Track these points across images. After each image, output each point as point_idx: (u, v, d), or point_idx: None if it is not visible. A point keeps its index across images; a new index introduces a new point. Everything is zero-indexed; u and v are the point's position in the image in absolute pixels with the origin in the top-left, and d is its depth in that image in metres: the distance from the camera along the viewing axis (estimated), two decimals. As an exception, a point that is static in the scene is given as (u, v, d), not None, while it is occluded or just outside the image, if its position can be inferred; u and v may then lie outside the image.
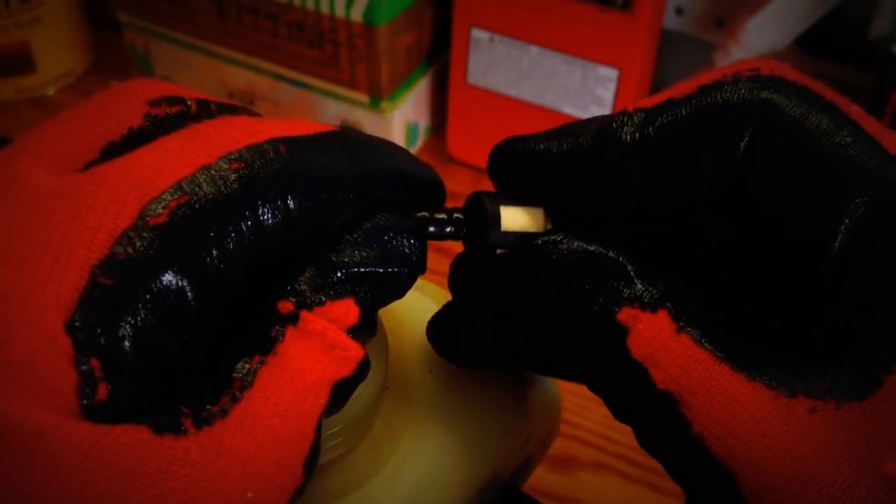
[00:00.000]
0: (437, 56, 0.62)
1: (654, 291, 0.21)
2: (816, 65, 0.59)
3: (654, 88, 0.61)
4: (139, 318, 0.18)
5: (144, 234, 0.18)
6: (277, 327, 0.20)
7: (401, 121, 0.59)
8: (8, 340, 0.17)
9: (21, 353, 0.17)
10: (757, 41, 0.56)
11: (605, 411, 0.22)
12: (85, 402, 0.17)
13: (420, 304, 0.30)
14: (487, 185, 0.25)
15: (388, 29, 0.55)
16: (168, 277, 0.19)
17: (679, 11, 0.61)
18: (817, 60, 0.59)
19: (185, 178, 0.19)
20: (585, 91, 0.56)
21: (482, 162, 0.62)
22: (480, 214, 0.25)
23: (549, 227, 0.24)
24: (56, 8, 0.64)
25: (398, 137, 0.59)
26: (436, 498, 0.26)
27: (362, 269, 0.22)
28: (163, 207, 0.19)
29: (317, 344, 0.20)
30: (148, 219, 0.19)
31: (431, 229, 0.24)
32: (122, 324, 0.18)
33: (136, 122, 0.21)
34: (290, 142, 0.21)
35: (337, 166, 0.22)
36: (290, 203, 0.20)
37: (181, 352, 0.19)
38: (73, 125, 0.21)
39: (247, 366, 0.19)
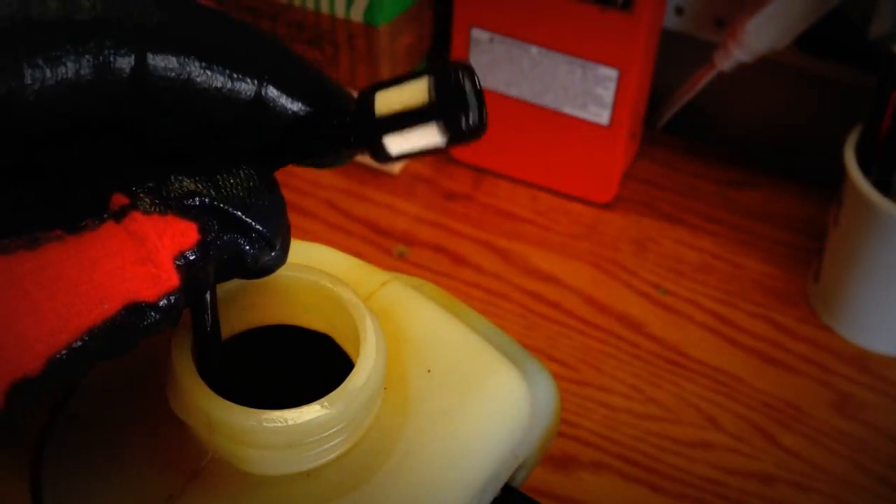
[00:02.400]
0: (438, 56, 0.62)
1: None
2: (816, 65, 0.59)
3: (655, 88, 0.61)
4: None
5: None
6: (98, 217, 0.18)
7: (401, 121, 0.59)
8: None
9: None
10: (757, 41, 0.56)
11: (605, 411, 0.22)
12: None
13: (418, 304, 0.30)
14: (488, 185, 0.25)
15: (388, 29, 0.55)
16: None
17: (679, 11, 0.61)
18: (817, 60, 0.59)
19: None
20: (585, 91, 0.56)
21: (482, 162, 0.62)
22: (359, 111, 0.21)
23: (433, 97, 0.20)
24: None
25: (398, 137, 0.59)
26: (435, 499, 0.26)
27: (227, 208, 0.19)
28: None
29: (131, 247, 0.18)
30: None
31: (326, 154, 0.22)
32: None
33: None
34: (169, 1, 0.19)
35: (217, 44, 0.20)
36: (150, 59, 0.18)
37: None
38: None
39: (38, 234, 0.17)
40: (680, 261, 0.57)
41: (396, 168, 0.61)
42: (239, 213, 0.20)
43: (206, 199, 0.19)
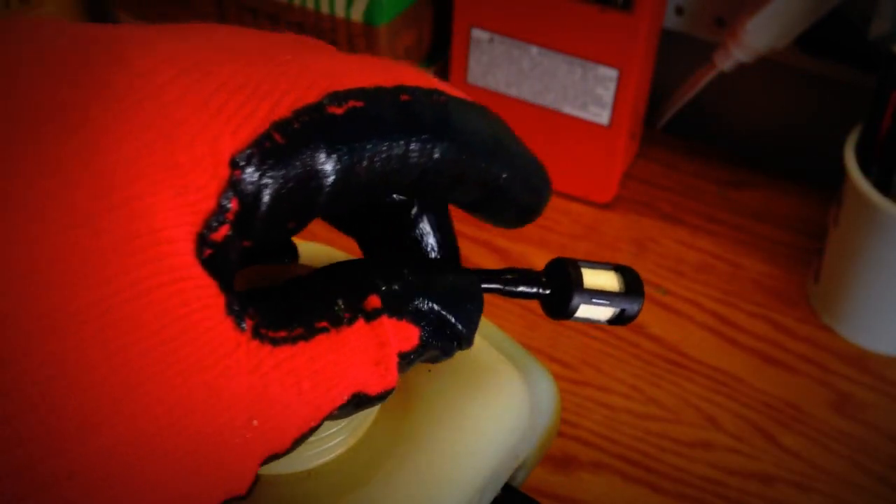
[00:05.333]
0: (437, 56, 0.62)
1: None
2: (816, 65, 0.59)
3: (655, 88, 0.61)
4: (288, 183, 0.19)
5: (321, 116, 0.20)
6: (354, 313, 0.21)
7: (401, 121, 0.59)
8: (183, 146, 0.18)
9: (186, 161, 0.18)
10: (757, 41, 0.56)
11: (605, 411, 0.22)
12: (205, 232, 0.18)
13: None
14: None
15: (388, 29, 0.55)
16: (324, 162, 0.20)
17: (679, 11, 0.61)
18: (817, 60, 0.59)
19: (365, 88, 0.21)
20: (585, 91, 0.56)
21: (482, 162, 0.62)
22: (563, 276, 0.25)
23: (623, 287, 0.25)
24: (56, 8, 0.64)
25: (398, 137, 0.59)
26: (435, 498, 0.26)
27: (448, 317, 0.22)
28: (343, 103, 0.20)
29: (373, 349, 0.21)
30: (328, 106, 0.20)
31: (521, 288, 0.25)
32: (274, 180, 0.19)
33: None
34: (452, 98, 0.22)
35: (483, 140, 0.23)
36: (436, 153, 0.21)
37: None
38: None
39: (314, 322, 0.20)
40: (680, 261, 0.57)
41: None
42: (455, 321, 0.22)
43: (435, 306, 0.22)
